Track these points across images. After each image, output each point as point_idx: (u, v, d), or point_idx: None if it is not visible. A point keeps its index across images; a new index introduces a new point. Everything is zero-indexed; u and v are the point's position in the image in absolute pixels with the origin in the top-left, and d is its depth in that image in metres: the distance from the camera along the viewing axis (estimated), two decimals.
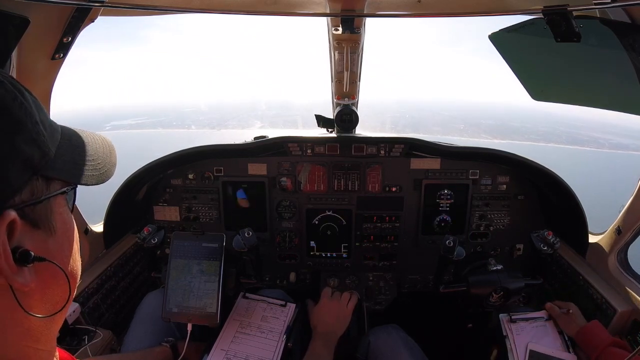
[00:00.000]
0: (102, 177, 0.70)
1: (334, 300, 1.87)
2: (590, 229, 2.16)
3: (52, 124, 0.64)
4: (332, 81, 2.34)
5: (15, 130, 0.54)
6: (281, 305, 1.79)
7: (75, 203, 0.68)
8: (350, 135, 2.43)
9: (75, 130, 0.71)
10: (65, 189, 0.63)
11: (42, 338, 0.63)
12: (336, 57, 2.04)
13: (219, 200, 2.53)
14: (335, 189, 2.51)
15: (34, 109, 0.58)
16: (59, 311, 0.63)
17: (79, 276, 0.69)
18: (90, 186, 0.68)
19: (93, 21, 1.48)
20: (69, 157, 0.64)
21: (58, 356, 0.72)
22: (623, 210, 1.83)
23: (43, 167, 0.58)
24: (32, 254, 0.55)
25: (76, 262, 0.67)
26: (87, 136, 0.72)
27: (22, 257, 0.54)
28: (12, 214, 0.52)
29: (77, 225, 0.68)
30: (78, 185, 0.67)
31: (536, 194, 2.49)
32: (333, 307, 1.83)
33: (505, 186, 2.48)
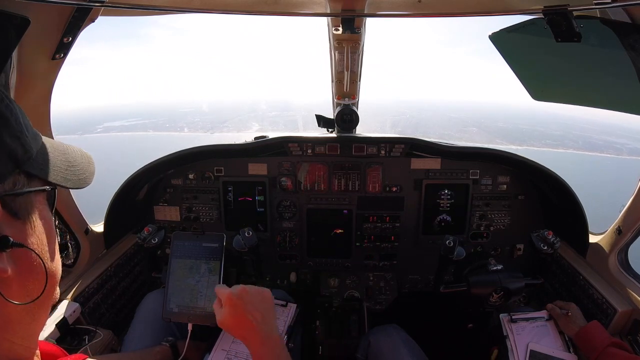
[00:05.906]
0: (80, 183, 0.73)
1: (241, 290, 1.13)
2: (594, 229, 2.15)
3: (35, 131, 0.68)
4: (332, 81, 2.34)
5: (0, 125, 0.58)
6: (282, 305, 1.79)
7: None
8: (351, 135, 2.43)
9: (55, 140, 0.76)
10: (45, 187, 0.66)
11: (19, 332, 0.63)
12: (336, 57, 2.04)
13: (220, 200, 2.53)
14: (336, 189, 2.51)
15: (19, 112, 0.63)
16: (34, 300, 0.62)
17: (59, 276, 0.71)
18: (70, 189, 0.67)
19: (93, 21, 1.48)
20: (50, 159, 0.68)
21: (39, 355, 0.72)
22: (623, 210, 1.83)
23: (25, 163, 0.62)
24: (11, 239, 0.56)
25: (56, 261, 0.68)
26: (66, 146, 0.76)
27: (1, 242, 0.55)
28: None
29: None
30: (57, 187, 0.70)
31: (536, 194, 2.49)
32: (248, 297, 1.12)
33: (505, 186, 2.48)
